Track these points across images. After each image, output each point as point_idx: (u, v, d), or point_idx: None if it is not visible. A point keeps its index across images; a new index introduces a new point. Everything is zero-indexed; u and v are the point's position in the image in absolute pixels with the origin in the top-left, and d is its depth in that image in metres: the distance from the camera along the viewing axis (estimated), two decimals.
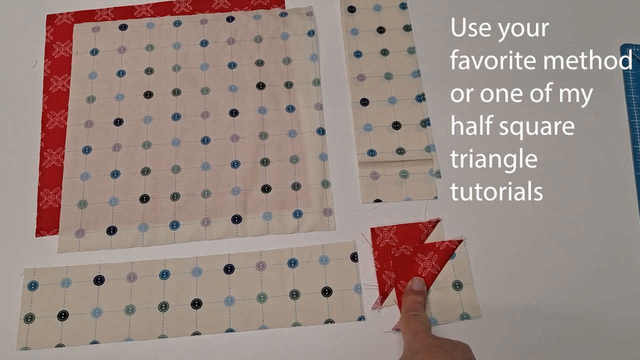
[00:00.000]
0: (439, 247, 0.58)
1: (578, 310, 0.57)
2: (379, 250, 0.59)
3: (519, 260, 0.59)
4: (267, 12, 0.71)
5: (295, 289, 0.58)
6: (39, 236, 0.60)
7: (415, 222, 0.60)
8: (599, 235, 0.60)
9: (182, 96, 0.67)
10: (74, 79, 0.67)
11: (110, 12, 0.71)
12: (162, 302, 0.57)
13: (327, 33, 0.70)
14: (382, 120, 0.65)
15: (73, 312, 0.57)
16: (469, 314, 0.56)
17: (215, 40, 0.69)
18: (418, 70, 0.68)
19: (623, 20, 0.70)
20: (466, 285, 0.58)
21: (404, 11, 0.71)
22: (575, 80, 0.67)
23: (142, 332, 0.56)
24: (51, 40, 0.70)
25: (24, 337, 0.56)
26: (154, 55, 0.69)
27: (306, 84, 0.67)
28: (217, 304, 0.57)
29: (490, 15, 0.70)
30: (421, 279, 0.57)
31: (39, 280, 0.58)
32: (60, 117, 0.65)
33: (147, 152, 0.64)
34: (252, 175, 0.63)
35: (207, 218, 0.61)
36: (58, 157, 0.64)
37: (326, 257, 0.59)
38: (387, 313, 0.57)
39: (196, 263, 0.59)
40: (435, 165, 0.63)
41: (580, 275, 0.58)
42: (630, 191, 0.62)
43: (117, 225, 0.61)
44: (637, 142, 0.64)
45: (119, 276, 0.58)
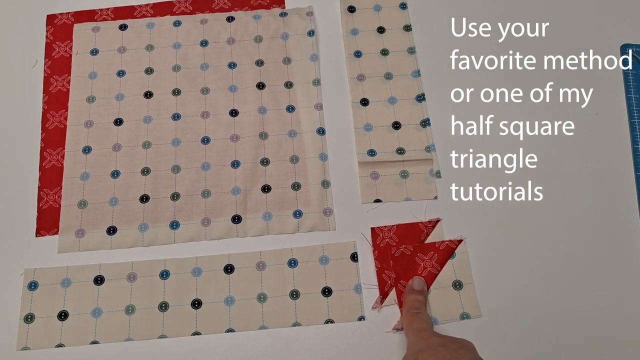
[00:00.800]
0: (439, 247, 0.59)
1: (578, 310, 0.57)
2: (379, 249, 0.59)
3: (519, 260, 0.59)
4: (267, 12, 0.71)
5: (295, 289, 0.58)
6: (39, 236, 0.60)
7: (416, 222, 0.60)
8: (599, 235, 0.60)
9: (182, 96, 0.67)
10: (74, 79, 0.67)
11: (110, 12, 0.71)
12: (162, 302, 0.57)
13: (327, 33, 0.70)
14: (382, 120, 0.65)
15: (73, 312, 0.57)
16: (469, 314, 0.56)
17: (215, 40, 0.69)
18: (418, 70, 0.68)
19: (623, 20, 0.70)
20: (466, 285, 0.58)
21: (404, 11, 0.71)
22: (575, 80, 0.67)
23: (142, 332, 0.56)
24: (51, 40, 0.70)
25: (24, 337, 0.56)
26: (154, 55, 0.69)
27: (306, 84, 0.67)
28: (217, 304, 0.57)
29: (490, 15, 0.70)
30: (421, 278, 0.57)
31: (39, 280, 0.58)
32: (60, 117, 0.65)
33: (147, 152, 0.64)
34: (252, 175, 0.63)
35: (207, 218, 0.61)
36: (58, 157, 0.64)
37: (326, 257, 0.59)
38: (387, 313, 0.57)
39: (196, 263, 0.59)
40: (435, 165, 0.63)
41: (580, 275, 0.58)
42: (630, 191, 0.62)
43: (117, 225, 0.61)
44: (637, 142, 0.64)
45: (119, 276, 0.58)
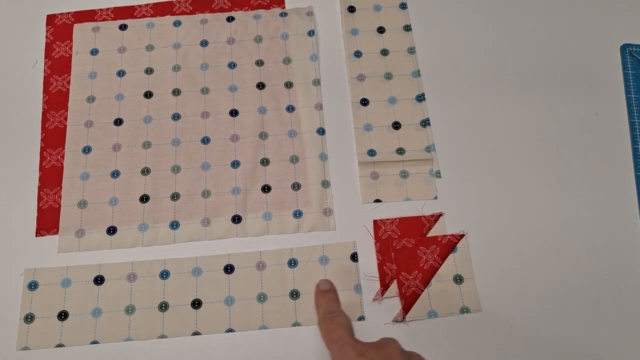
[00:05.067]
0: (441, 241, 0.59)
1: (577, 307, 0.57)
2: (380, 242, 0.59)
3: (519, 257, 0.59)
4: (267, 12, 0.71)
5: (295, 289, 0.58)
6: (39, 236, 0.60)
7: (418, 216, 0.60)
8: (599, 235, 0.60)
9: (182, 96, 0.67)
10: (74, 79, 0.67)
11: (110, 12, 0.71)
12: (162, 302, 0.57)
13: (327, 33, 0.70)
14: (382, 120, 0.65)
15: (73, 312, 0.57)
16: (469, 308, 0.57)
17: (215, 40, 0.69)
18: (418, 70, 0.68)
19: (623, 20, 0.70)
20: (467, 279, 0.58)
21: (404, 11, 0.71)
22: (575, 80, 0.67)
23: (142, 332, 0.56)
24: (51, 40, 0.70)
25: (23, 337, 0.56)
26: (154, 55, 0.69)
27: (306, 84, 0.67)
28: (217, 304, 0.57)
29: (490, 14, 0.70)
30: (326, 279, 0.54)
31: (39, 280, 0.58)
32: (60, 117, 0.65)
33: (147, 152, 0.64)
34: (252, 175, 0.63)
35: (207, 218, 0.61)
36: (58, 157, 0.64)
37: (326, 257, 0.59)
38: (387, 312, 0.57)
39: (196, 263, 0.59)
40: (435, 165, 0.63)
41: (579, 275, 0.58)
42: (630, 191, 0.62)
43: (117, 225, 0.61)
44: (637, 142, 0.64)
45: (119, 276, 0.58)
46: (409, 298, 0.57)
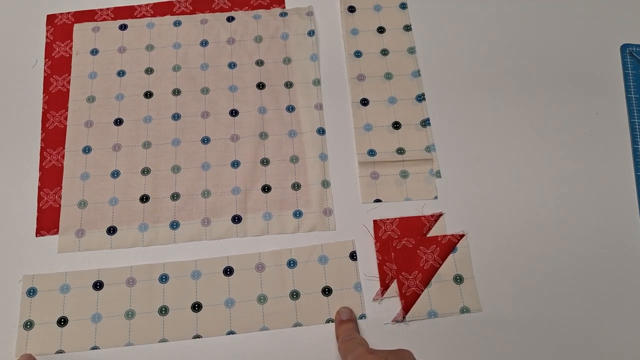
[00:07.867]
0: (441, 241, 0.59)
1: (577, 307, 0.57)
2: (380, 242, 0.59)
3: (519, 260, 0.59)
4: (267, 12, 0.71)
5: (295, 289, 0.58)
6: (39, 236, 0.60)
7: (418, 216, 0.60)
8: (599, 235, 0.60)
9: (182, 96, 0.67)
10: (74, 78, 0.67)
11: (110, 12, 0.71)
12: (162, 306, 0.57)
13: (327, 33, 0.70)
14: (382, 120, 0.65)
15: (73, 317, 0.57)
16: (469, 308, 0.57)
17: (215, 40, 0.69)
18: (418, 70, 0.68)
19: (623, 20, 0.70)
20: (467, 279, 0.58)
21: (404, 11, 0.71)
22: (575, 80, 0.67)
23: (143, 336, 0.56)
24: (51, 40, 0.69)
25: (23, 343, 0.56)
26: (154, 55, 0.69)
27: (306, 84, 0.67)
28: (217, 307, 0.57)
29: (490, 15, 0.70)
30: (347, 308, 0.56)
31: (37, 286, 0.58)
32: (60, 117, 0.65)
33: (147, 152, 0.64)
34: (252, 175, 0.63)
35: (207, 218, 0.61)
36: (58, 157, 0.64)
37: (325, 256, 0.59)
38: (388, 311, 0.57)
39: (195, 266, 0.59)
40: (435, 165, 0.63)
41: (579, 274, 0.58)
42: (630, 191, 0.62)
43: (117, 225, 0.61)
44: (637, 142, 0.64)
45: (118, 281, 0.58)
46: (409, 298, 0.57)
